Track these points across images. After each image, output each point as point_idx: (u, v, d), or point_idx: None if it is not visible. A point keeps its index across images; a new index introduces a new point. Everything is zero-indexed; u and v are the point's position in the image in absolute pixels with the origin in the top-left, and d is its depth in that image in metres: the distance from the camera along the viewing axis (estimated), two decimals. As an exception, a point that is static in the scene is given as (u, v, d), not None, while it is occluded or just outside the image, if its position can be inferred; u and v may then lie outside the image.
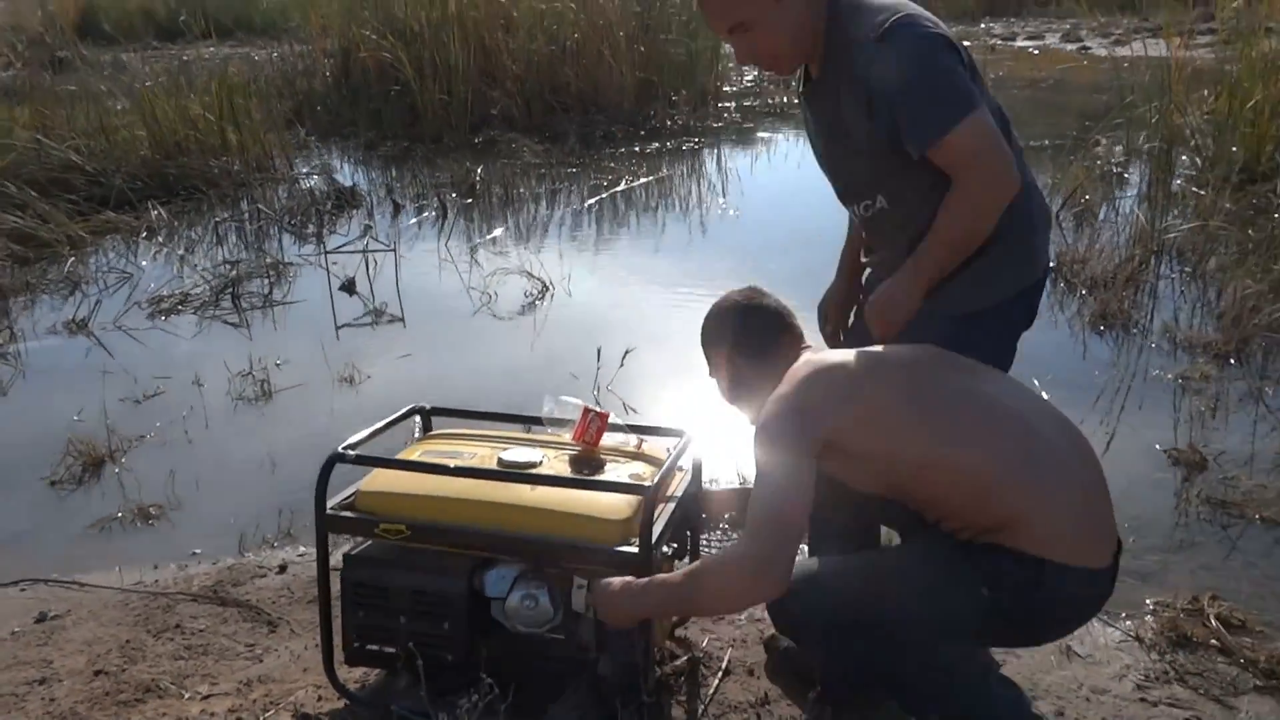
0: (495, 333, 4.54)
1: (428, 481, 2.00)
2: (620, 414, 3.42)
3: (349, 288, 5.14)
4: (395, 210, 6.67)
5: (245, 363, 4.14)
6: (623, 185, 7.23)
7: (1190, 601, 2.42)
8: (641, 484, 1.91)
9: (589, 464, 2.08)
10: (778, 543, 1.66)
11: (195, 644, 2.38)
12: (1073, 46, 15.49)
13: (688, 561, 2.23)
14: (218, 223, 6.45)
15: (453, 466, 1.99)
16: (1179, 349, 4.08)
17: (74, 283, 5.36)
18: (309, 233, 6.23)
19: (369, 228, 6.24)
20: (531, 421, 2.27)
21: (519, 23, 9.41)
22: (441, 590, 1.95)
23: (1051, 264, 2.70)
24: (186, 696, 2.16)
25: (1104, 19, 15.22)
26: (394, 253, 5.68)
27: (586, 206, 6.82)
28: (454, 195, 6.99)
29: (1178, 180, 6.05)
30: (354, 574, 2.01)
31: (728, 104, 10.55)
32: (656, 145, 8.71)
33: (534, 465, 2.04)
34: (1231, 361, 3.90)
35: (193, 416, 3.74)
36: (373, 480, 2.05)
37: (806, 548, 2.25)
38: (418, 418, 2.32)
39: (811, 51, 2.01)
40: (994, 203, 1.90)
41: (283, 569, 2.73)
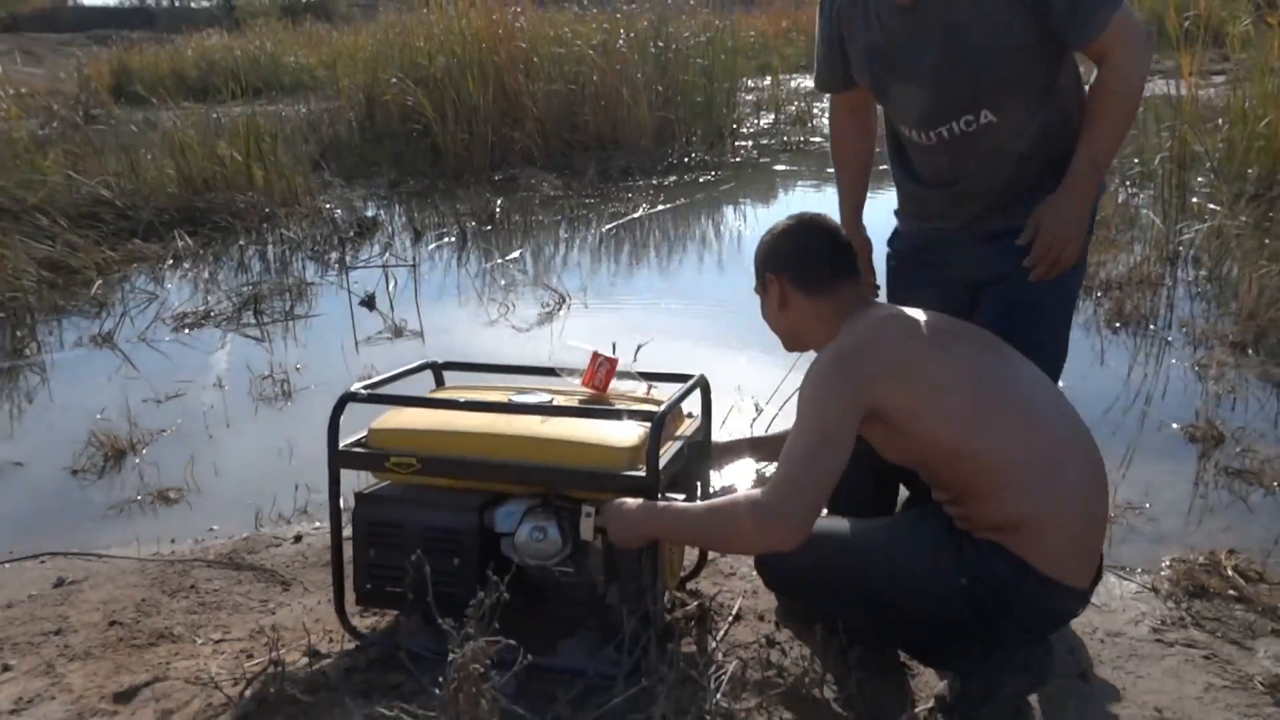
0: (514, 342, 4.58)
1: (438, 417, 2.03)
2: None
3: (369, 303, 5.20)
4: (416, 236, 6.75)
5: (266, 369, 4.20)
6: (640, 212, 7.31)
7: (1207, 555, 2.40)
8: (649, 409, 1.92)
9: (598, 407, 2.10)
10: (806, 499, 1.66)
11: (209, 601, 2.40)
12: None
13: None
14: (241, 246, 6.57)
15: (463, 400, 2.02)
16: (1196, 343, 4.06)
17: (101, 303, 5.44)
18: (331, 259, 6.33)
19: (389, 245, 6.32)
20: (545, 373, 2.30)
21: (539, 68, 9.61)
22: (452, 526, 1.96)
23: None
24: (200, 643, 2.17)
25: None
26: (414, 268, 5.75)
27: (605, 230, 6.90)
28: (474, 223, 7.09)
29: (1194, 199, 6.05)
30: (365, 512, 2.02)
31: (744, 143, 10.67)
32: (674, 179, 8.81)
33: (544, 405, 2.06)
34: (1249, 352, 3.88)
35: (213, 414, 3.78)
36: (385, 419, 2.08)
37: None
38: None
39: None
40: (1145, 77, 2.02)
41: (298, 539, 2.75)
